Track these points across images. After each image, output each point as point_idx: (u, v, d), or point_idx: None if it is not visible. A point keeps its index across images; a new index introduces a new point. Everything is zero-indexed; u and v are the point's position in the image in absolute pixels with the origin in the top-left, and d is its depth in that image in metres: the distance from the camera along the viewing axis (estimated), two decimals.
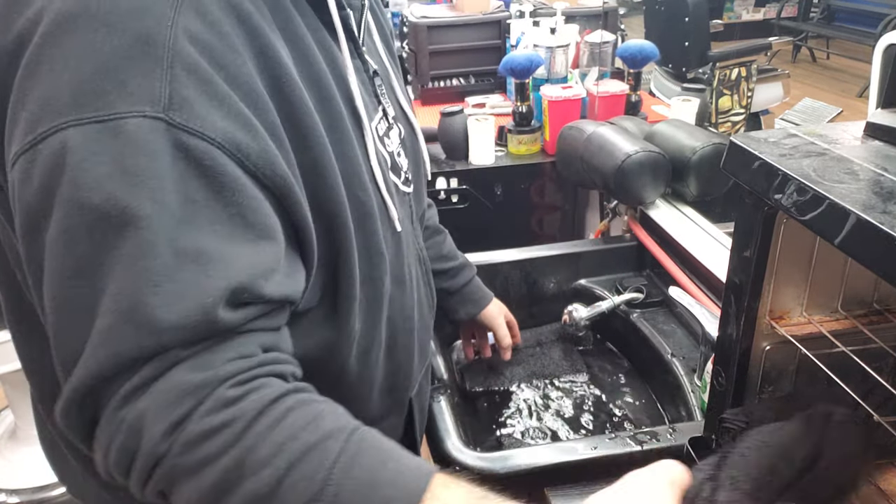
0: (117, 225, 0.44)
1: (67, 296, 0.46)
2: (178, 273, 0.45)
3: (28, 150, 0.45)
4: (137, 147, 0.44)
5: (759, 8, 6.59)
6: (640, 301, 1.24)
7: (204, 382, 0.46)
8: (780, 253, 0.64)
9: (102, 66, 0.44)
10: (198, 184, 0.46)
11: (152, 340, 0.45)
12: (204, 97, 0.46)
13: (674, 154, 1.29)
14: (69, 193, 0.44)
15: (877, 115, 0.59)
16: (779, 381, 0.71)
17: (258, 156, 0.49)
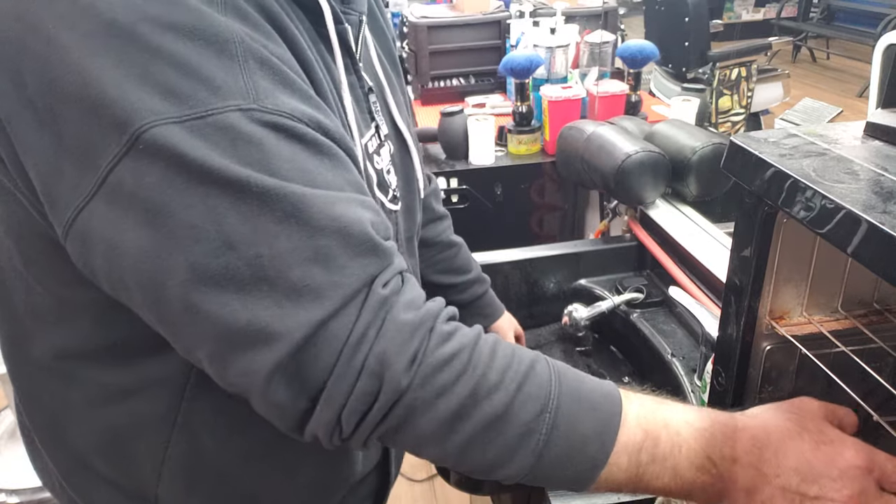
0: (259, 195, 0.46)
1: (227, 269, 0.46)
2: (334, 210, 0.48)
3: (129, 150, 0.45)
4: (244, 136, 0.46)
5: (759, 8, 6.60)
6: (640, 301, 1.24)
7: (422, 319, 0.50)
8: (780, 253, 0.64)
9: (185, 68, 0.45)
10: (305, 154, 0.49)
11: (347, 277, 0.48)
12: (280, 85, 0.49)
13: (674, 154, 1.29)
14: (199, 179, 0.45)
15: (877, 115, 0.59)
16: (779, 381, 0.71)
17: (335, 130, 0.53)
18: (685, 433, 0.53)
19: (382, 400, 0.49)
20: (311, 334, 0.47)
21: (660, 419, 0.54)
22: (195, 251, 0.46)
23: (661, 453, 0.53)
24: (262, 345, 0.47)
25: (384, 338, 0.49)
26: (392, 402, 0.49)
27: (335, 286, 0.48)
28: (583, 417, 0.52)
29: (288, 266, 0.47)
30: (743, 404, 0.71)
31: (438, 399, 0.49)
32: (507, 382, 0.51)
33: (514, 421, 0.50)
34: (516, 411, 0.51)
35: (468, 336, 0.52)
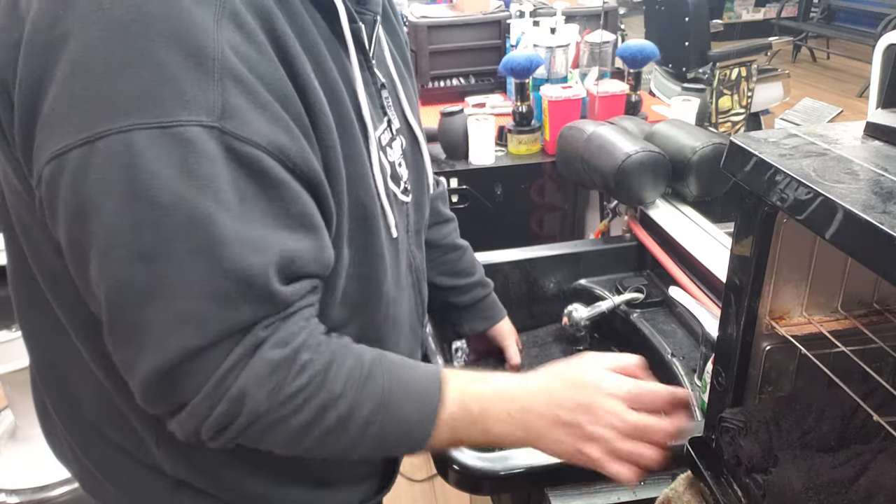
0: (185, 221, 0.49)
1: (134, 278, 0.50)
2: (245, 259, 0.52)
3: (81, 145, 0.48)
4: (198, 153, 0.49)
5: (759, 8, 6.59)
6: (640, 301, 1.24)
7: (286, 357, 0.57)
8: (780, 253, 0.63)
9: (162, 76, 0.48)
10: (247, 183, 0.52)
11: (234, 317, 0.53)
12: (250, 105, 0.51)
13: (674, 154, 1.29)
14: (136, 190, 0.48)
15: (877, 115, 0.59)
16: (779, 381, 0.71)
17: (296, 155, 0.55)
18: (491, 397, 0.66)
19: (241, 421, 0.56)
20: (188, 357, 0.53)
21: (472, 391, 0.66)
22: (109, 255, 0.50)
23: (472, 418, 0.65)
24: (144, 350, 0.52)
25: (249, 372, 0.55)
26: (249, 423, 0.57)
27: (221, 321, 0.53)
28: (408, 404, 0.63)
29: (186, 292, 0.51)
30: (743, 404, 0.71)
31: (293, 416, 0.58)
32: (349, 390, 0.60)
33: (356, 419, 0.61)
34: (356, 412, 0.61)
35: (320, 362, 0.59)
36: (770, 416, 0.67)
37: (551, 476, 0.85)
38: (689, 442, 0.76)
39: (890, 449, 0.59)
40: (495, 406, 0.65)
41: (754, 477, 0.67)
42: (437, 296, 1.02)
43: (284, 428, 0.58)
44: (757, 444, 0.67)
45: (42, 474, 1.81)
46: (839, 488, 0.60)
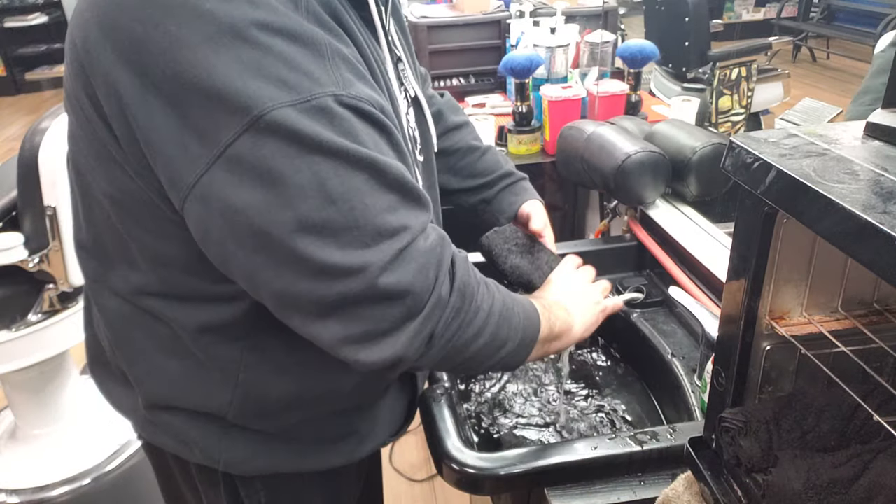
0: (352, 161, 0.59)
1: (329, 219, 0.59)
2: (401, 174, 0.63)
3: (246, 130, 0.56)
4: (338, 115, 0.59)
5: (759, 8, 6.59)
6: (640, 301, 1.24)
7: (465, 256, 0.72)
8: (779, 253, 0.63)
9: (291, 64, 0.57)
10: (375, 131, 0.63)
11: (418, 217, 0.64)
12: (355, 76, 0.62)
13: (674, 154, 1.29)
14: (305, 149, 0.57)
15: (877, 114, 0.59)
16: (779, 381, 0.71)
17: (387, 109, 0.65)
18: (549, 303, 0.87)
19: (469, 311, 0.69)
20: (393, 259, 0.61)
21: (542, 301, 0.85)
22: (302, 207, 0.58)
23: (550, 317, 0.83)
24: (355, 274, 0.60)
25: (461, 265, 0.69)
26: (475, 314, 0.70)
27: (405, 228, 0.63)
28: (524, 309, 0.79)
29: (373, 215, 0.60)
30: (743, 404, 0.71)
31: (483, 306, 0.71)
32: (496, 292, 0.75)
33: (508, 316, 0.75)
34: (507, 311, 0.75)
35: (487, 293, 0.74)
36: (770, 416, 0.67)
37: (551, 476, 0.86)
38: (690, 442, 0.76)
39: (890, 449, 0.59)
40: (552, 304, 0.87)
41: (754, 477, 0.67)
42: (461, 199, 1.10)
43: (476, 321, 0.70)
44: (757, 444, 0.67)
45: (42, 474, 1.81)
46: (839, 488, 0.60)
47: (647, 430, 0.89)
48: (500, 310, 0.73)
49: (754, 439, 0.67)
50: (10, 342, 1.62)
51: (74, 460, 1.84)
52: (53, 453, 1.85)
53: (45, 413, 1.86)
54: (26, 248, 1.53)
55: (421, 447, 2.14)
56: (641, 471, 0.87)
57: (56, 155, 1.44)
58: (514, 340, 0.76)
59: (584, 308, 0.92)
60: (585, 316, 0.91)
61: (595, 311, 0.93)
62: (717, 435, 0.71)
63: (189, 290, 0.71)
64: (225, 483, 0.84)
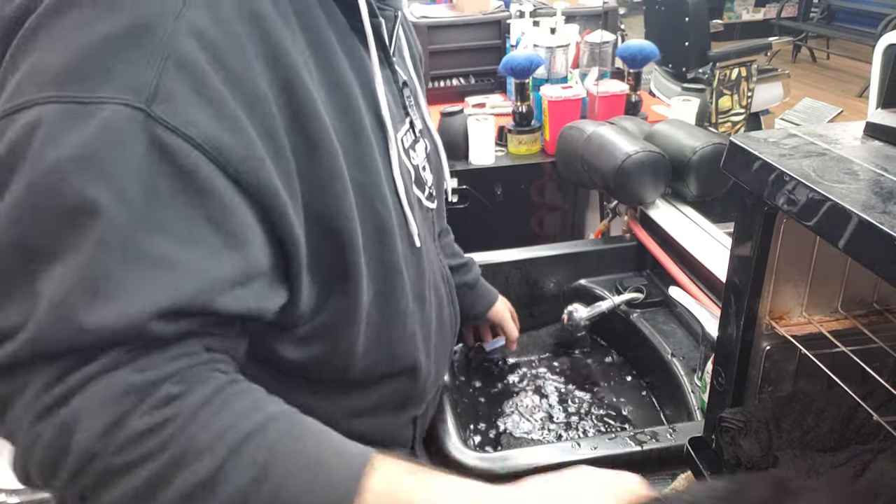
0: (69, 211, 0.42)
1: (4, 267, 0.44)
2: (122, 274, 0.43)
3: (5, 116, 0.44)
4: (110, 135, 0.43)
5: (759, 8, 6.59)
6: (640, 301, 1.24)
7: (147, 382, 0.44)
8: (779, 253, 0.63)
9: (93, 48, 0.43)
10: (167, 182, 0.44)
11: (78, 338, 0.43)
12: (193, 95, 0.45)
13: (674, 154, 1.29)
14: (28, 170, 0.43)
15: (877, 115, 0.59)
16: (779, 381, 0.71)
17: (241, 161, 0.47)
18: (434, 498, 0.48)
19: (70, 461, 0.43)
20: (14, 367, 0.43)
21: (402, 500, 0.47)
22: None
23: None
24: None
25: (85, 395, 0.43)
26: (80, 465, 0.43)
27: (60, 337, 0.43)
28: (309, 492, 0.45)
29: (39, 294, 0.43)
30: (743, 404, 0.71)
31: (138, 467, 0.43)
32: (219, 447, 0.44)
33: (219, 491, 0.44)
34: (222, 480, 0.44)
35: (198, 396, 0.46)
36: (770, 416, 0.67)
37: None
38: (689, 441, 0.76)
39: (890, 450, 0.59)
40: None
41: None
42: None
43: (126, 484, 0.43)
44: (757, 444, 0.67)
45: None
46: None
47: (647, 430, 0.89)
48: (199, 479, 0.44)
49: (754, 439, 0.67)
50: None
51: None
52: None
53: None
54: None
55: None
56: (641, 471, 0.86)
57: None
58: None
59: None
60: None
61: None
62: (717, 435, 0.71)
63: None
64: None
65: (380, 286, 0.62)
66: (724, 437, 0.70)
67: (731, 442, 0.69)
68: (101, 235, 0.42)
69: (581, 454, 0.86)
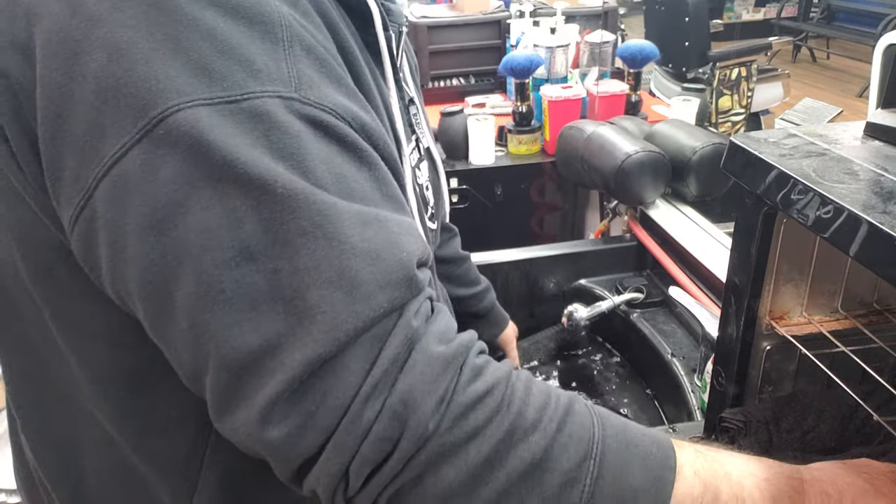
0: (285, 198, 0.40)
1: (241, 281, 0.39)
2: (363, 235, 0.41)
3: (139, 139, 0.39)
4: (281, 127, 0.41)
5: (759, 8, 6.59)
6: (640, 301, 1.24)
7: (456, 353, 0.43)
8: (779, 253, 0.63)
9: (223, 45, 0.40)
10: (342, 159, 0.43)
11: (369, 309, 0.40)
12: (325, 77, 0.44)
13: (674, 154, 1.29)
14: (218, 174, 0.39)
15: (877, 115, 0.59)
16: (779, 381, 0.71)
17: (375, 131, 0.47)
18: (749, 485, 0.47)
19: (403, 447, 0.40)
20: (320, 370, 0.40)
21: (720, 470, 0.47)
22: (205, 260, 0.39)
23: None
24: (263, 374, 0.40)
25: (411, 373, 0.41)
26: (414, 451, 0.41)
27: (355, 316, 0.40)
28: (632, 466, 0.44)
29: (306, 286, 0.40)
30: (743, 404, 0.71)
31: (469, 443, 0.41)
32: (546, 422, 0.43)
33: (554, 468, 0.42)
34: (557, 456, 0.42)
35: (501, 370, 0.45)
36: (770, 416, 0.67)
37: None
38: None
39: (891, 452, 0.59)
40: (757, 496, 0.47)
41: None
42: (457, 308, 0.98)
43: (458, 464, 0.41)
44: (757, 444, 0.67)
45: None
46: None
47: None
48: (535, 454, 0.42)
49: (754, 439, 0.67)
50: None
51: None
52: None
53: None
54: None
55: None
56: None
57: None
58: None
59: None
60: None
61: None
62: (717, 435, 0.71)
63: None
64: None
65: None
66: (724, 437, 0.70)
67: (730, 442, 0.69)
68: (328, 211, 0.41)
69: None
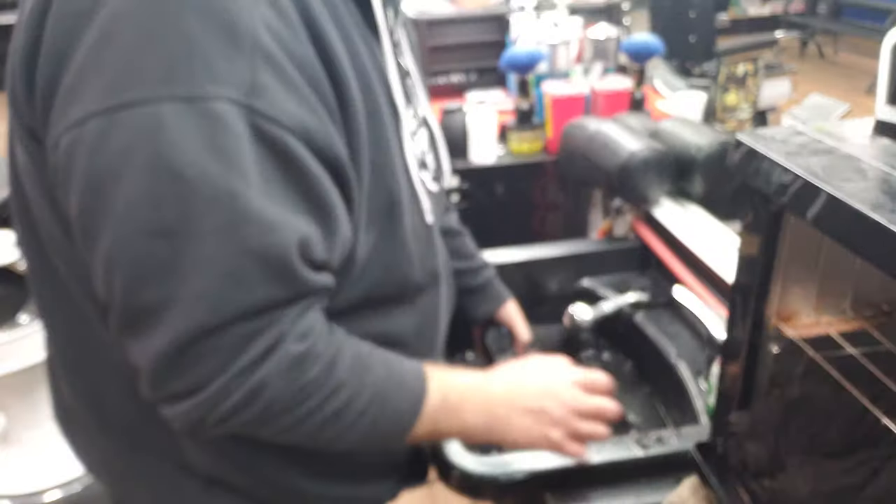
0: (209, 197, 0.49)
1: (151, 254, 0.50)
2: (266, 238, 0.51)
3: (104, 113, 0.48)
4: (226, 129, 0.49)
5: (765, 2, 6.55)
6: (644, 302, 1.23)
7: (306, 351, 0.57)
8: (787, 253, 0.62)
9: (193, 48, 0.48)
10: (272, 164, 0.52)
11: (251, 298, 0.52)
12: (280, 85, 0.51)
13: (679, 152, 1.28)
14: (159, 163, 0.48)
15: (885, 112, 0.58)
16: (786, 384, 0.69)
17: (321, 138, 0.55)
18: (466, 391, 0.69)
19: (253, 411, 0.56)
20: (203, 336, 0.51)
21: (451, 384, 0.68)
22: (125, 228, 0.49)
23: (451, 410, 0.67)
24: (156, 329, 0.51)
25: (271, 364, 0.55)
26: (261, 413, 0.56)
27: (238, 301, 0.52)
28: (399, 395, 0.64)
29: (204, 270, 0.50)
30: (750, 407, 0.70)
31: (301, 405, 0.58)
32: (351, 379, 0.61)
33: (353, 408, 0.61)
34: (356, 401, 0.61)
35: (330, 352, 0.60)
36: (777, 420, 0.66)
37: (554, 481, 0.84)
38: (696, 446, 0.74)
39: None
40: (471, 398, 0.69)
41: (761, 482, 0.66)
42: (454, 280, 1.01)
43: (289, 417, 0.58)
44: (764, 448, 0.66)
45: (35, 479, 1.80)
46: (847, 495, 0.59)
47: (651, 433, 0.88)
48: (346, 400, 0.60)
49: (761, 444, 0.66)
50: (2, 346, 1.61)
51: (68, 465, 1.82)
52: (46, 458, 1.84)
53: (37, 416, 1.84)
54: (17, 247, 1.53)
55: None
56: (646, 475, 0.85)
57: None
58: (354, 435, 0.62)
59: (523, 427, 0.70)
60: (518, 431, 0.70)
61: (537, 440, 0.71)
62: (724, 439, 0.70)
63: None
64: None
65: (387, 257, 0.68)
66: (731, 441, 0.68)
67: (737, 446, 0.67)
68: (244, 213, 0.50)
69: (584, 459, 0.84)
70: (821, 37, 6.05)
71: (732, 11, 6.33)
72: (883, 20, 4.92)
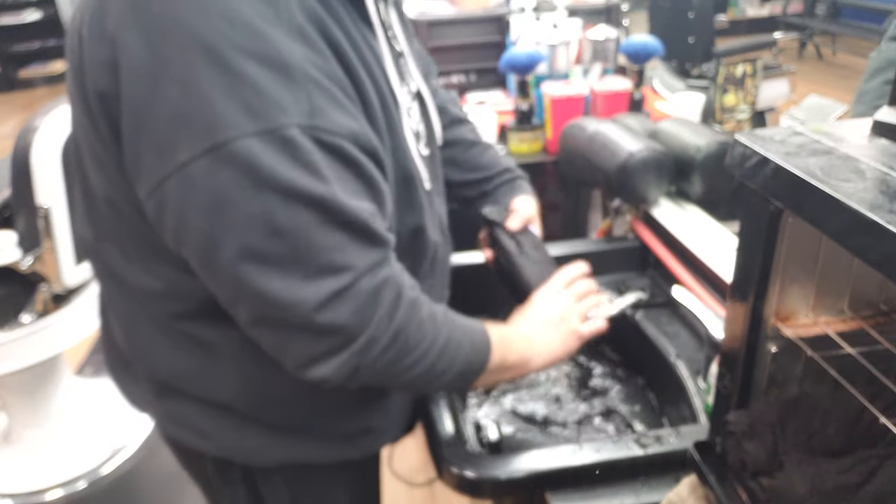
0: (305, 199, 0.60)
1: (273, 249, 0.61)
2: (358, 215, 0.64)
3: (204, 154, 0.58)
4: (302, 148, 0.60)
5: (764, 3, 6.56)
6: (644, 302, 1.23)
7: (417, 296, 0.72)
8: (785, 253, 0.62)
9: (261, 90, 0.58)
10: (339, 166, 0.63)
11: (365, 257, 0.65)
12: (329, 103, 0.62)
13: (678, 152, 1.28)
14: (261, 182, 0.59)
15: (884, 112, 0.58)
16: (785, 383, 0.70)
17: (364, 137, 0.65)
18: (507, 331, 0.86)
19: (393, 353, 0.69)
20: (331, 297, 0.63)
21: (497, 330, 0.83)
22: (247, 235, 0.60)
23: (505, 346, 0.83)
24: (290, 308, 0.63)
25: (403, 309, 0.69)
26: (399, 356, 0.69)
27: (348, 268, 0.64)
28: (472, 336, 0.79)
29: (317, 252, 0.62)
30: (748, 407, 0.70)
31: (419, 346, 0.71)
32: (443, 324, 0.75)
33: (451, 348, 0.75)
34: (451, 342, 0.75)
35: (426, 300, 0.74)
36: (775, 418, 0.66)
37: (553, 480, 0.85)
38: (694, 445, 0.75)
39: None
40: (513, 336, 0.86)
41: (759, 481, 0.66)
42: (462, 194, 1.11)
43: (415, 354, 0.71)
44: (762, 447, 0.66)
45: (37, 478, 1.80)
46: (845, 494, 0.59)
47: (650, 432, 0.88)
48: (444, 344, 0.74)
49: (759, 443, 0.66)
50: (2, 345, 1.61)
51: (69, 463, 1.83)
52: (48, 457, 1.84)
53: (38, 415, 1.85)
54: (20, 247, 1.52)
55: (420, 450, 2.13)
56: (645, 474, 0.86)
57: (49, 154, 1.41)
58: (454, 371, 0.76)
59: (551, 340, 0.90)
60: (552, 346, 0.89)
61: (566, 340, 0.91)
62: (722, 438, 0.70)
63: (181, 281, 0.71)
64: (244, 478, 0.85)
65: (410, 220, 0.81)
66: (729, 440, 0.69)
67: (735, 445, 0.68)
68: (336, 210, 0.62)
69: (583, 457, 0.85)
70: (819, 38, 6.06)
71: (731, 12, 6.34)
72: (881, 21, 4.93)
